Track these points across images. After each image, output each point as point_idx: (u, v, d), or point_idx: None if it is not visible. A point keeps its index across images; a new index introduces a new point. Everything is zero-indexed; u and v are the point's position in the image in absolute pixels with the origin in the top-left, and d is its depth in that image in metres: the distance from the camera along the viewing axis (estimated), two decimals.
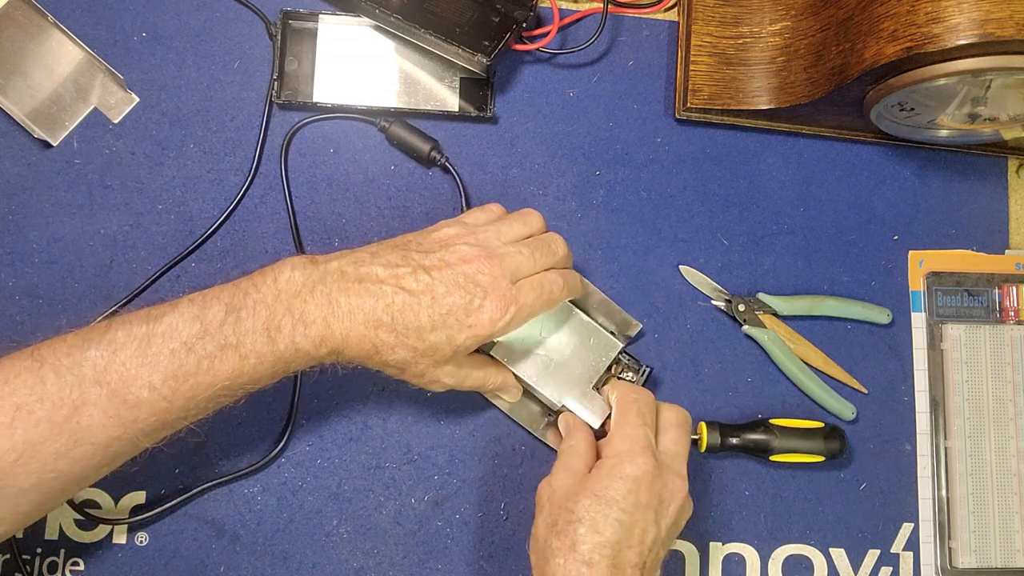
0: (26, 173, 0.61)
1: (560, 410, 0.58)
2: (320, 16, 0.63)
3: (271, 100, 0.62)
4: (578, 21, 0.65)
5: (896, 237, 0.66)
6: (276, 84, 0.61)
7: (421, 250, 0.51)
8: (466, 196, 0.63)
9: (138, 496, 0.58)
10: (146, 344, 0.45)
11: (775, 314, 0.64)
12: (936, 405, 0.64)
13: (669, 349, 0.64)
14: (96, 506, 0.58)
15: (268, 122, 0.62)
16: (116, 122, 0.62)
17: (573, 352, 0.59)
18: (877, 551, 0.63)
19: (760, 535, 0.62)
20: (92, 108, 0.61)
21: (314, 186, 0.63)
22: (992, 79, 0.53)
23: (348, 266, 0.50)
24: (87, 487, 0.48)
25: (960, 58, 0.51)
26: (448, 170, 0.63)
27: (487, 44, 0.59)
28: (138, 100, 0.62)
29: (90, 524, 0.58)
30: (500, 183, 0.64)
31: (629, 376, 0.61)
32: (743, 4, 0.63)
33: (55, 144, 0.61)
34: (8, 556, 0.57)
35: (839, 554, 0.63)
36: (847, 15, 0.56)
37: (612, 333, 0.60)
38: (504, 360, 0.57)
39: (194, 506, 0.59)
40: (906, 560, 0.63)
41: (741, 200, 0.66)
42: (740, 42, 0.63)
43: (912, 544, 0.63)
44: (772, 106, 0.62)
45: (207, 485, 0.58)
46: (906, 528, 0.63)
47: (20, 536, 0.57)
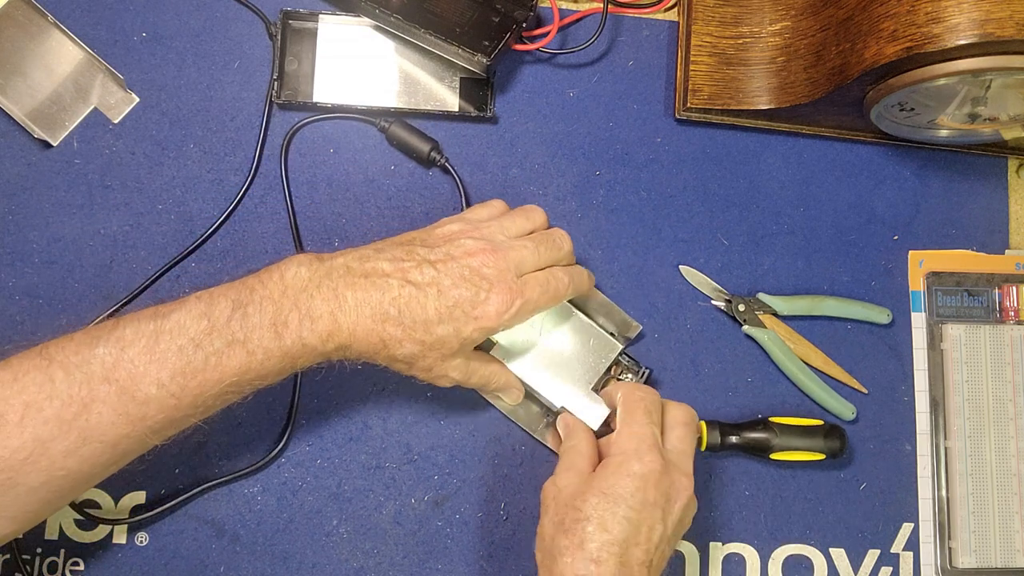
0: (26, 173, 0.61)
1: (559, 411, 0.58)
2: (320, 16, 0.63)
3: (271, 100, 0.62)
4: (578, 21, 0.65)
5: (896, 237, 0.66)
6: (276, 84, 0.61)
7: (426, 245, 0.52)
8: (466, 196, 0.63)
9: (138, 496, 0.58)
10: (154, 341, 0.45)
11: (775, 314, 0.64)
12: (936, 405, 0.64)
13: (669, 349, 0.64)
14: (96, 506, 0.58)
15: (268, 122, 0.62)
16: (116, 122, 0.62)
17: (573, 353, 0.59)
18: (877, 551, 0.63)
19: (760, 535, 0.62)
20: (92, 108, 0.61)
21: (314, 186, 0.63)
22: (992, 79, 0.53)
23: (354, 262, 0.50)
24: (93, 486, 0.48)
25: (960, 58, 0.51)
26: (448, 170, 0.63)
27: (487, 44, 0.59)
28: (138, 100, 0.62)
29: (90, 524, 0.58)
30: (500, 183, 0.64)
31: (629, 377, 0.61)
32: (743, 4, 0.63)
33: (55, 144, 0.61)
34: (8, 556, 0.57)
35: (839, 554, 0.63)
36: (847, 15, 0.56)
37: (612, 335, 0.60)
38: (504, 360, 0.57)
39: (194, 506, 0.59)
40: (906, 560, 0.63)
41: (741, 200, 0.66)
42: (740, 42, 0.63)
43: (912, 544, 0.63)
44: (772, 106, 0.62)
45: (207, 485, 0.58)
46: (906, 528, 0.63)
47: (20, 536, 0.57)
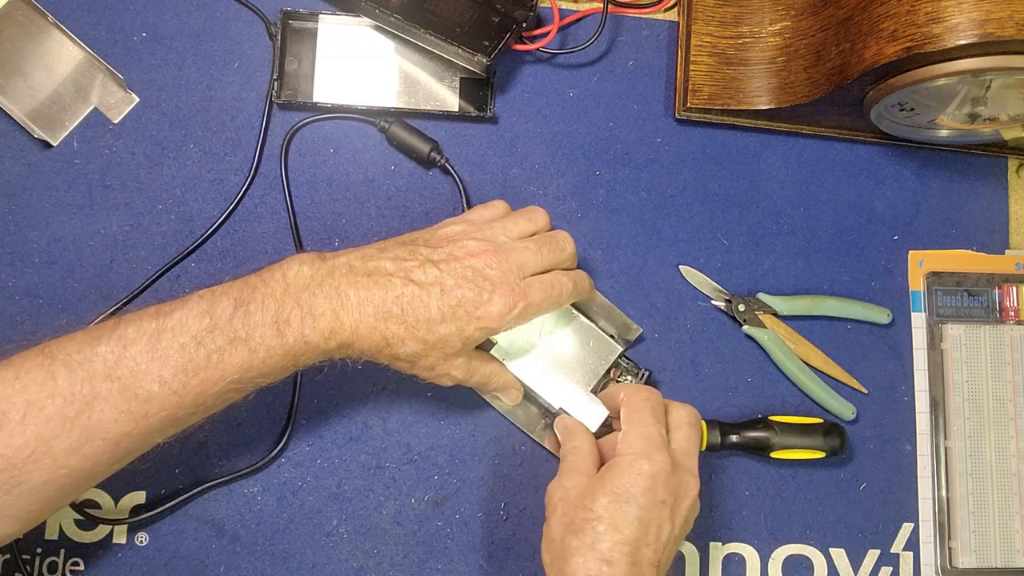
0: (26, 173, 0.61)
1: (557, 412, 0.58)
2: (320, 16, 0.63)
3: (271, 100, 0.62)
4: (578, 21, 0.65)
5: (896, 237, 0.66)
6: (276, 84, 0.61)
7: (429, 245, 0.52)
8: (466, 196, 0.63)
9: (138, 496, 0.58)
10: (156, 339, 0.45)
11: (775, 314, 0.64)
12: (936, 405, 0.64)
13: (669, 349, 0.64)
14: (96, 506, 0.58)
15: (268, 122, 0.62)
16: (116, 122, 0.62)
17: (572, 355, 0.59)
18: (877, 551, 0.63)
19: (760, 535, 0.62)
20: (92, 108, 0.61)
21: (314, 186, 0.63)
22: (992, 79, 0.53)
23: (356, 260, 0.50)
24: (95, 485, 0.48)
25: (960, 58, 0.51)
26: (448, 171, 0.63)
27: (487, 44, 0.59)
28: (138, 100, 0.62)
29: (90, 524, 0.58)
30: (500, 183, 0.64)
31: (628, 379, 0.61)
32: (743, 4, 0.63)
33: (55, 144, 0.61)
34: (8, 556, 0.57)
35: (839, 554, 0.63)
36: (847, 15, 0.56)
37: (612, 337, 0.60)
38: (503, 360, 0.57)
39: (194, 506, 0.59)
40: (906, 560, 0.63)
41: (741, 200, 0.66)
42: (740, 42, 0.63)
43: (912, 544, 0.63)
44: (772, 106, 0.62)
45: (207, 485, 0.58)
46: (906, 528, 0.63)
47: (21, 536, 0.57)
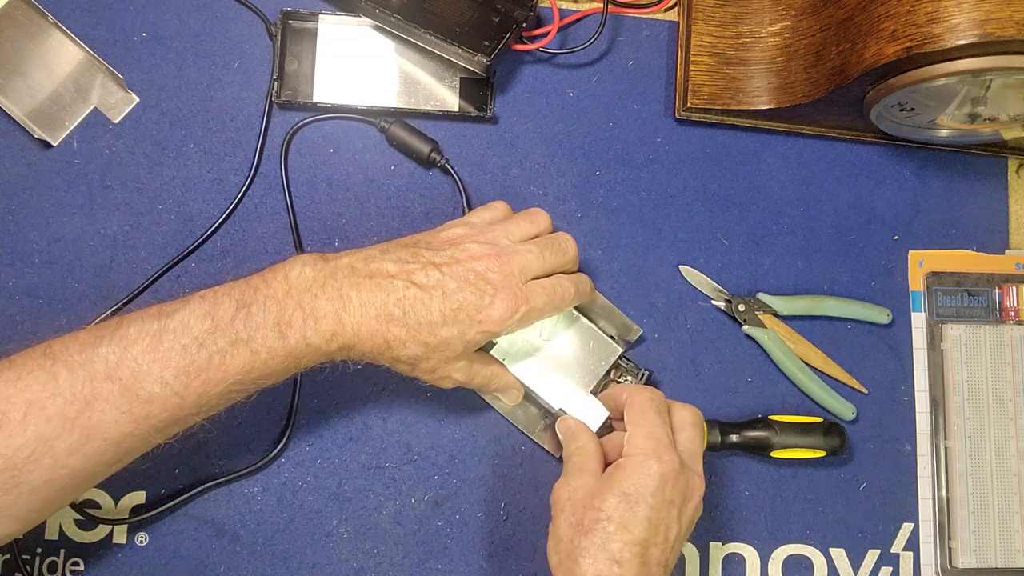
0: (26, 173, 0.61)
1: (557, 413, 0.58)
2: (320, 16, 0.63)
3: (271, 100, 0.62)
4: (578, 21, 0.65)
5: (896, 237, 0.66)
6: (276, 84, 0.61)
7: (431, 248, 0.52)
8: (466, 196, 0.63)
9: (138, 496, 0.58)
10: (158, 340, 0.45)
11: (775, 314, 0.64)
12: (936, 405, 0.64)
13: (669, 349, 0.64)
14: (96, 506, 0.58)
15: (268, 122, 0.62)
16: (116, 122, 0.62)
17: (572, 355, 0.59)
18: (877, 551, 0.63)
19: (760, 535, 0.62)
20: (92, 108, 0.61)
21: (314, 186, 0.63)
22: (992, 79, 0.53)
23: (358, 262, 0.50)
24: (95, 485, 0.48)
25: (960, 58, 0.51)
26: (448, 171, 0.63)
27: (487, 44, 0.59)
28: (138, 100, 0.62)
29: (90, 524, 0.58)
30: (500, 183, 0.64)
31: (628, 380, 0.61)
32: (743, 4, 0.63)
33: (55, 144, 0.61)
34: (8, 556, 0.57)
35: (839, 554, 0.63)
36: (847, 15, 0.56)
37: (612, 338, 0.60)
38: (503, 361, 0.57)
39: (194, 506, 0.59)
40: (906, 560, 0.63)
41: (741, 200, 0.66)
42: (740, 42, 0.63)
43: (912, 544, 0.63)
44: (772, 106, 0.62)
45: (207, 485, 0.58)
46: (906, 528, 0.63)
47: (21, 536, 0.57)
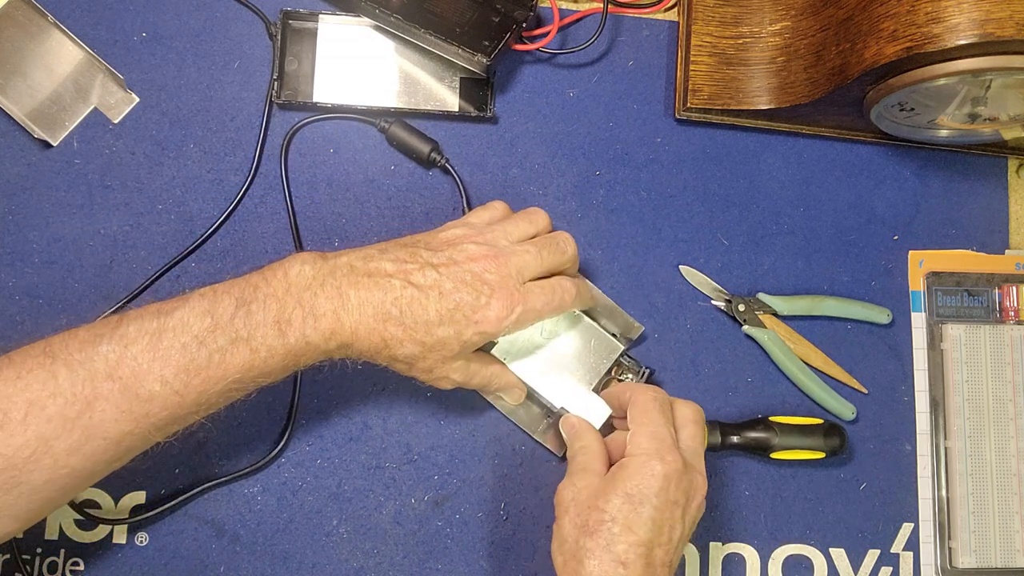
0: (26, 173, 0.61)
1: (559, 412, 0.58)
2: (320, 16, 0.63)
3: (271, 100, 0.62)
4: (578, 21, 0.65)
5: (896, 237, 0.66)
6: (276, 84, 0.61)
7: (429, 248, 0.52)
8: (466, 196, 0.63)
9: (138, 496, 0.58)
10: (157, 338, 0.45)
11: (775, 314, 0.64)
12: (936, 405, 0.64)
13: (669, 349, 0.64)
14: (96, 506, 0.58)
15: (268, 122, 0.62)
16: (116, 122, 0.62)
17: (574, 354, 0.59)
18: (877, 551, 0.63)
19: (760, 535, 0.62)
20: (92, 108, 0.61)
21: (314, 186, 0.63)
22: (992, 79, 0.53)
23: (357, 261, 0.50)
24: (95, 483, 0.48)
25: (960, 58, 0.51)
26: (448, 171, 0.63)
27: (487, 44, 0.59)
28: (138, 100, 0.62)
29: (90, 524, 0.58)
30: (500, 183, 0.64)
31: (630, 378, 0.61)
32: (743, 4, 0.63)
33: (55, 144, 0.61)
34: (8, 556, 0.57)
35: (839, 554, 0.63)
36: (847, 15, 0.56)
37: (614, 335, 0.60)
38: (504, 360, 0.57)
39: (194, 506, 0.59)
40: (906, 560, 0.63)
41: (741, 200, 0.66)
42: (740, 42, 0.63)
43: (912, 544, 0.63)
44: (772, 106, 0.62)
45: (207, 485, 0.58)
46: (906, 528, 0.63)
47: (20, 536, 0.57)
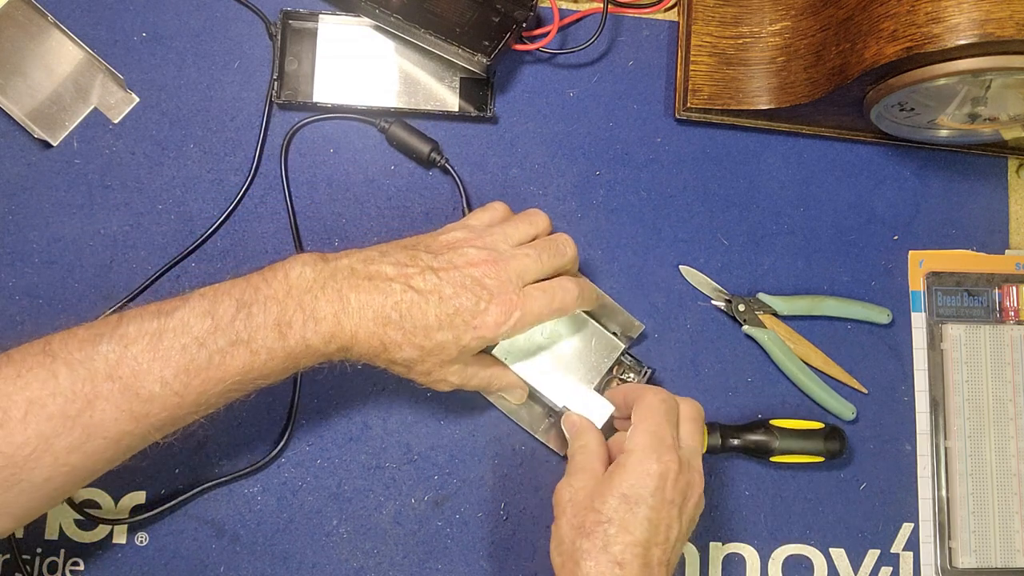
0: (26, 173, 0.61)
1: (561, 411, 0.58)
2: (320, 16, 0.63)
3: (271, 100, 0.62)
4: (578, 21, 0.65)
5: (896, 237, 0.66)
6: (276, 84, 0.61)
7: (430, 251, 0.52)
8: (466, 196, 0.63)
9: (138, 496, 0.58)
10: (158, 339, 0.45)
11: (775, 314, 0.64)
12: (936, 405, 0.64)
13: (669, 349, 0.64)
14: (96, 506, 0.58)
15: (268, 122, 0.62)
16: (116, 122, 0.62)
17: (575, 353, 0.59)
18: (877, 551, 0.63)
19: (760, 535, 0.62)
20: (92, 108, 0.61)
21: (314, 186, 0.63)
22: (992, 79, 0.53)
23: (358, 263, 0.50)
24: (93, 481, 0.48)
25: (960, 58, 0.51)
26: (448, 171, 0.63)
27: (487, 44, 0.59)
28: (138, 100, 0.62)
29: (90, 524, 0.58)
30: (500, 183, 0.64)
31: (631, 377, 0.61)
32: (743, 4, 0.63)
33: (55, 144, 0.61)
34: (8, 556, 0.57)
35: (839, 554, 0.63)
36: (847, 15, 0.56)
37: (615, 334, 0.60)
38: (505, 360, 0.57)
39: (194, 506, 0.59)
40: (906, 560, 0.63)
41: (741, 200, 0.66)
42: (740, 42, 0.63)
43: (912, 544, 0.63)
44: (772, 106, 0.62)
45: (207, 485, 0.58)
46: (906, 528, 0.63)
47: (20, 536, 0.57)
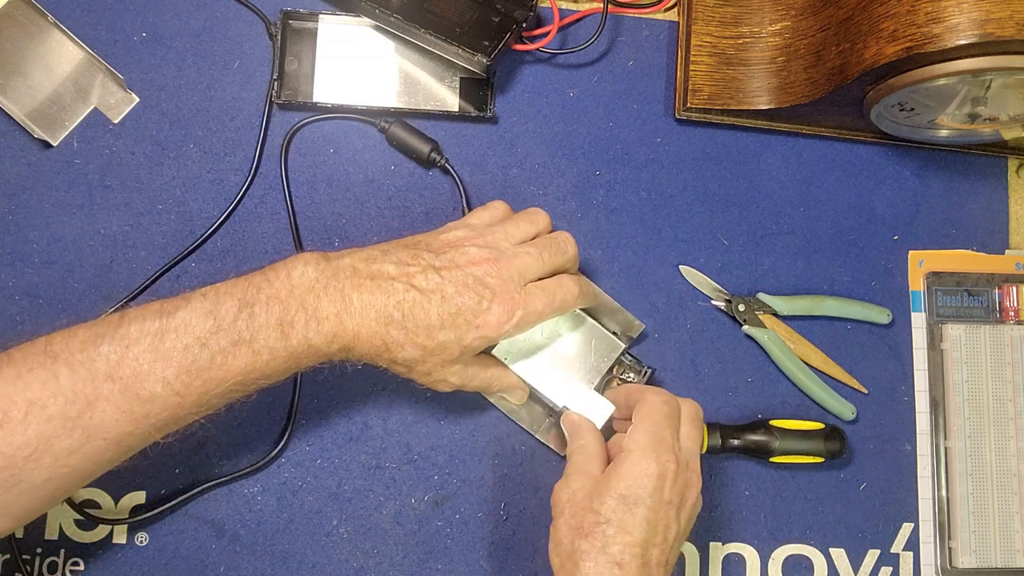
0: (26, 173, 0.61)
1: (561, 411, 0.58)
2: (320, 16, 0.63)
3: (271, 100, 0.62)
4: (578, 21, 0.65)
5: (896, 237, 0.66)
6: (276, 84, 0.61)
7: (431, 250, 0.52)
8: (466, 196, 0.63)
9: (138, 496, 0.58)
10: (159, 339, 0.45)
11: (775, 314, 0.64)
12: (936, 405, 0.64)
13: (669, 349, 0.64)
14: (96, 506, 0.58)
15: (268, 122, 0.62)
16: (116, 122, 0.62)
17: (575, 353, 0.59)
18: (877, 551, 0.63)
19: (760, 535, 0.62)
20: (92, 108, 0.61)
21: (314, 186, 0.63)
22: (992, 79, 0.53)
23: (360, 263, 0.50)
24: (92, 481, 0.48)
25: (960, 58, 0.51)
26: (448, 171, 0.63)
27: (487, 44, 0.59)
28: (138, 100, 0.62)
29: (90, 524, 0.58)
30: (500, 183, 0.64)
31: (631, 377, 0.61)
32: (743, 4, 0.63)
33: (55, 144, 0.61)
34: (8, 556, 0.57)
35: (839, 554, 0.63)
36: (847, 15, 0.56)
37: (615, 334, 0.60)
38: (505, 360, 0.57)
39: (194, 506, 0.59)
40: (906, 560, 0.63)
41: (741, 200, 0.66)
42: (740, 42, 0.63)
43: (912, 544, 0.63)
44: (772, 106, 0.62)
45: (207, 485, 0.58)
46: (906, 528, 0.63)
47: (20, 536, 0.57)
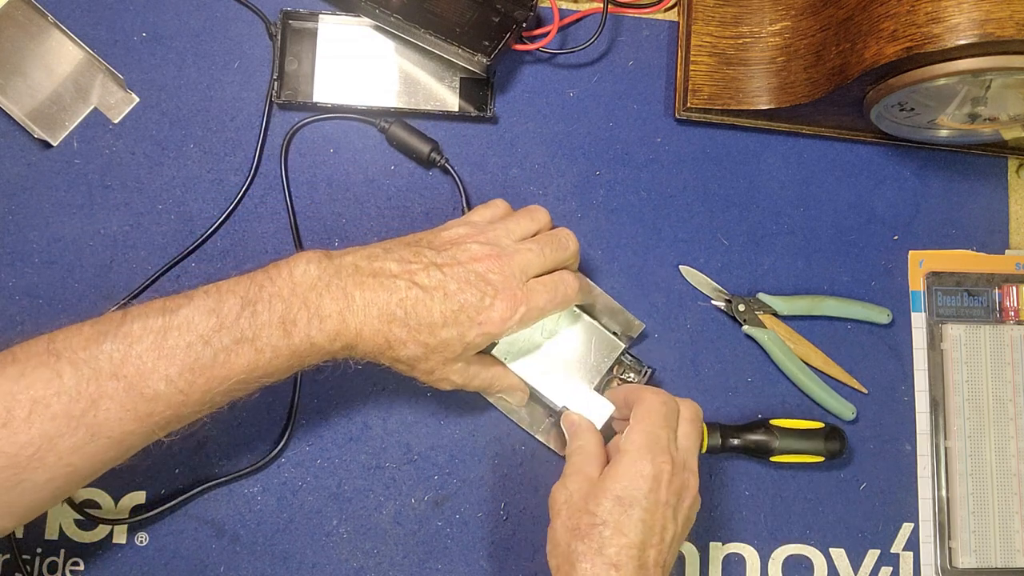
0: (26, 173, 0.61)
1: (561, 411, 0.58)
2: (320, 16, 0.63)
3: (271, 100, 0.62)
4: (578, 21, 0.65)
5: (896, 237, 0.66)
6: (276, 84, 0.61)
7: (433, 248, 0.52)
8: (466, 196, 0.63)
9: (138, 496, 0.58)
10: (162, 337, 0.45)
11: (775, 314, 0.64)
12: (936, 405, 0.64)
13: (669, 349, 0.64)
14: (96, 506, 0.58)
15: (268, 122, 0.62)
16: (116, 122, 0.62)
17: (575, 353, 0.59)
18: (877, 551, 0.63)
19: (760, 535, 0.62)
20: (92, 108, 0.61)
21: (314, 186, 0.63)
22: (992, 79, 0.53)
23: (362, 260, 0.50)
24: (93, 480, 0.48)
25: (960, 58, 0.51)
26: (448, 171, 0.63)
27: (487, 44, 0.59)
28: (138, 100, 0.62)
29: (90, 524, 0.58)
30: (500, 183, 0.64)
31: (631, 377, 0.61)
32: (743, 4, 0.63)
33: (55, 144, 0.61)
34: (8, 556, 0.57)
35: (839, 554, 0.63)
36: (847, 15, 0.56)
37: (615, 334, 0.60)
38: (505, 360, 0.57)
39: (194, 506, 0.59)
40: (906, 560, 0.63)
41: (741, 200, 0.66)
42: (740, 42, 0.63)
43: (912, 544, 0.63)
44: (772, 106, 0.62)
45: (207, 485, 0.58)
46: (906, 528, 0.63)
47: (20, 536, 0.57)
